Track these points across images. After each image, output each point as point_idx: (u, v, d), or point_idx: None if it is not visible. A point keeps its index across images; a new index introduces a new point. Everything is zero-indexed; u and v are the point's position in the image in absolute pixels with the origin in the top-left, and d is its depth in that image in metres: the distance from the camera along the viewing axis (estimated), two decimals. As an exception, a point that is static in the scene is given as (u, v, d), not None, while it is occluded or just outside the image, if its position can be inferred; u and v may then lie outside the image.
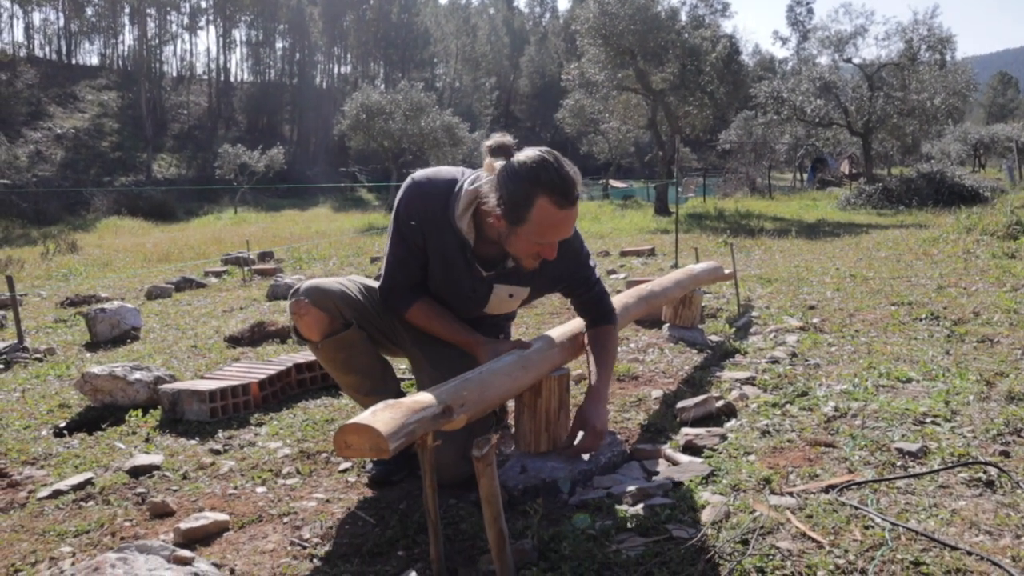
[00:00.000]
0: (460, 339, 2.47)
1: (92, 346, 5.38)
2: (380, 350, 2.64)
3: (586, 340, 2.66)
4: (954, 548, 1.83)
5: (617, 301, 3.19)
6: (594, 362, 2.58)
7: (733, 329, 4.68)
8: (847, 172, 38.21)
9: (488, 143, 2.27)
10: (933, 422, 2.73)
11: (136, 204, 33.63)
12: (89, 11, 65.66)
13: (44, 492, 2.60)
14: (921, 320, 4.60)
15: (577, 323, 2.76)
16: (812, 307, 5.25)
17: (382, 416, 1.64)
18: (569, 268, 2.50)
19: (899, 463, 2.38)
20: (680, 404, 3.05)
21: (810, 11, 76.43)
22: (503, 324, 2.83)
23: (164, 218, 31.51)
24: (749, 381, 3.47)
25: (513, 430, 2.69)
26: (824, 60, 25.69)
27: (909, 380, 3.30)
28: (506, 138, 2.28)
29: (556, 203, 2.11)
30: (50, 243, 16.85)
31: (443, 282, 2.45)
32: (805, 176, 41.25)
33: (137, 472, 2.74)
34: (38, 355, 5.02)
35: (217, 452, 2.96)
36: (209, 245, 15.57)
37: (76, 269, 12.18)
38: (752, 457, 2.51)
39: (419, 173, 2.40)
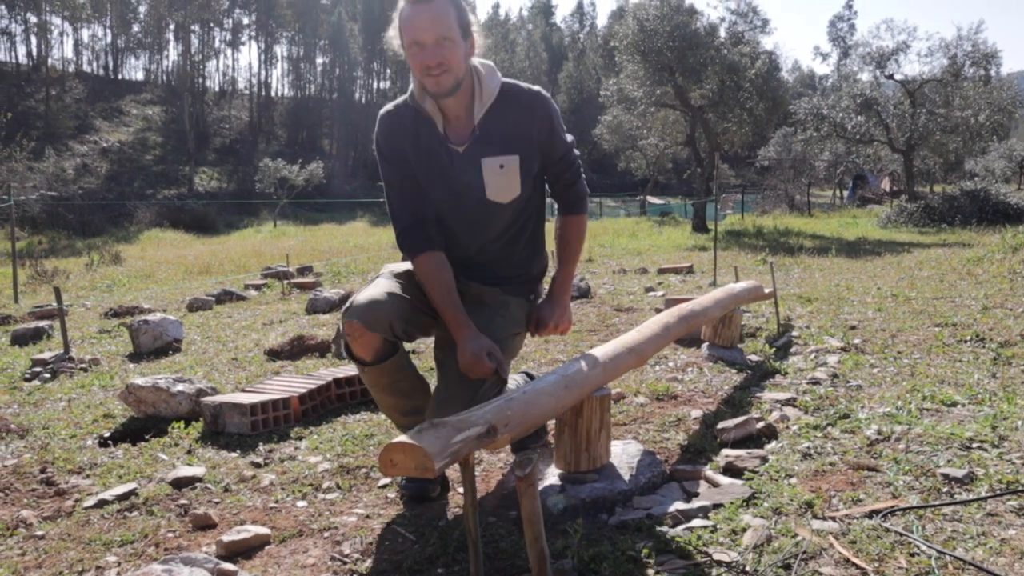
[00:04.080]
0: (449, 314, 2.41)
1: (135, 357, 5.47)
2: (429, 326, 2.59)
3: (555, 229, 2.70)
4: (1004, 578, 1.79)
5: (658, 320, 3.18)
6: (559, 257, 2.69)
7: (773, 349, 4.64)
8: (888, 189, 37.72)
9: None
10: (980, 447, 2.67)
11: (178, 217, 34.24)
12: (135, 28, 67.22)
13: (90, 501, 2.65)
14: (966, 342, 4.52)
15: (620, 342, 2.74)
16: (853, 327, 5.18)
17: (428, 436, 1.65)
18: (542, 129, 2.48)
19: (945, 489, 2.33)
20: (720, 425, 3.03)
21: (852, 27, 75.94)
22: (535, 232, 2.71)
23: (205, 231, 32.05)
24: (790, 402, 3.43)
25: (553, 448, 2.69)
26: (865, 76, 25.46)
27: (954, 404, 3.24)
28: None
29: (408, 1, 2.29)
30: (94, 254, 17.19)
31: (437, 183, 2.47)
32: (845, 193, 40.80)
33: (180, 483, 2.78)
34: (83, 365, 5.12)
35: (258, 465, 3.00)
36: (249, 258, 15.78)
37: (119, 280, 12.42)
38: (794, 480, 2.49)
39: None
